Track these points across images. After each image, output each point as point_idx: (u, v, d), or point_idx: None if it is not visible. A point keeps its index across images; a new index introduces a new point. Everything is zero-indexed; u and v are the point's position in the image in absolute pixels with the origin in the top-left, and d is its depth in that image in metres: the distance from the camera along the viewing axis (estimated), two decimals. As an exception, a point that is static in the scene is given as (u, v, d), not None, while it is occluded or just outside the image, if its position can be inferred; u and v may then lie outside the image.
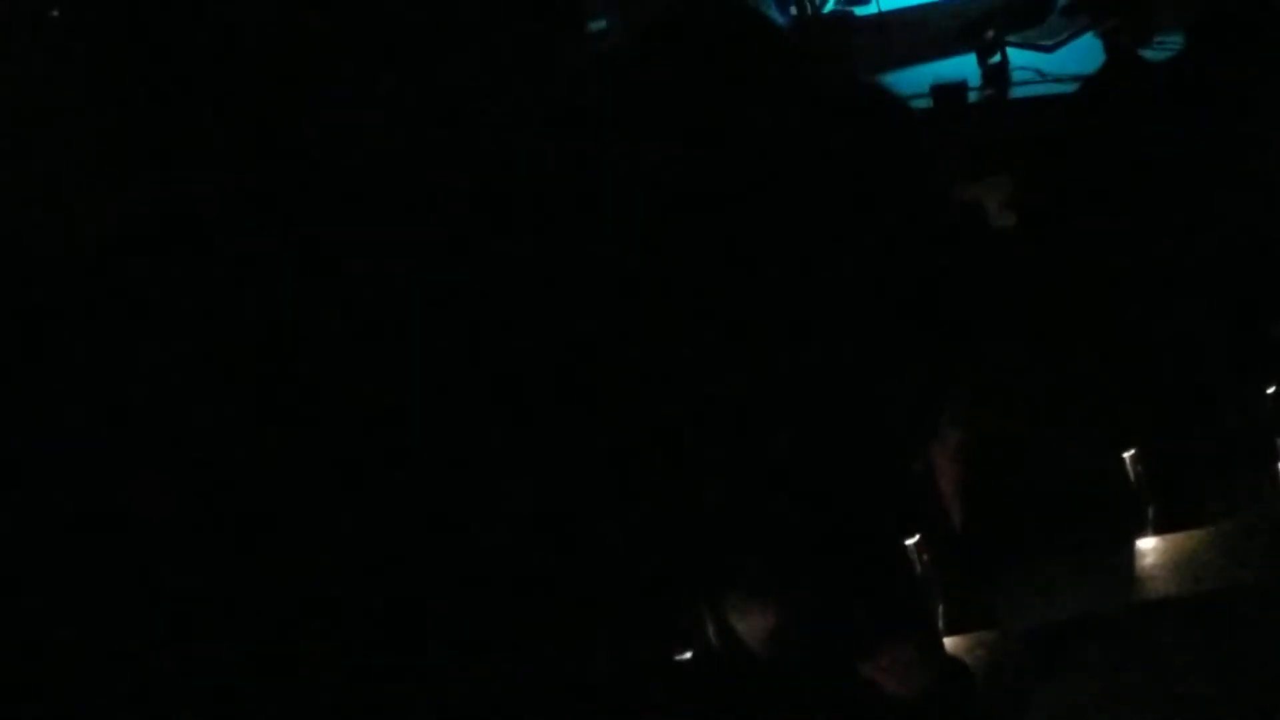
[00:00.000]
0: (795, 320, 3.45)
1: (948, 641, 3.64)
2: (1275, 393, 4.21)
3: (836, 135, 3.57)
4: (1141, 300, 4.37)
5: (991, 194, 4.93)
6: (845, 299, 3.53)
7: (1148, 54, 6.37)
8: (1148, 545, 3.87)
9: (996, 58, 8.54)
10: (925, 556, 3.62)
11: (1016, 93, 8.39)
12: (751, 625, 3.32)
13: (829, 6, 10.41)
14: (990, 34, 8.67)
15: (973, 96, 8.31)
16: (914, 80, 8.43)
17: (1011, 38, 8.85)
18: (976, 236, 4.38)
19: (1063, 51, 8.75)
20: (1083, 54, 8.39)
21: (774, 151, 3.43)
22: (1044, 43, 9.00)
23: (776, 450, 3.38)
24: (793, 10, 9.99)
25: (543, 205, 3.51)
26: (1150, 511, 4.00)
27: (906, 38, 9.45)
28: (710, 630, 3.40)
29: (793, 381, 3.43)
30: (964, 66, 8.60)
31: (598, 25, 9.65)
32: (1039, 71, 8.61)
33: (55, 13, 6.65)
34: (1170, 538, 3.89)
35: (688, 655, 3.44)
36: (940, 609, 3.76)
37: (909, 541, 3.59)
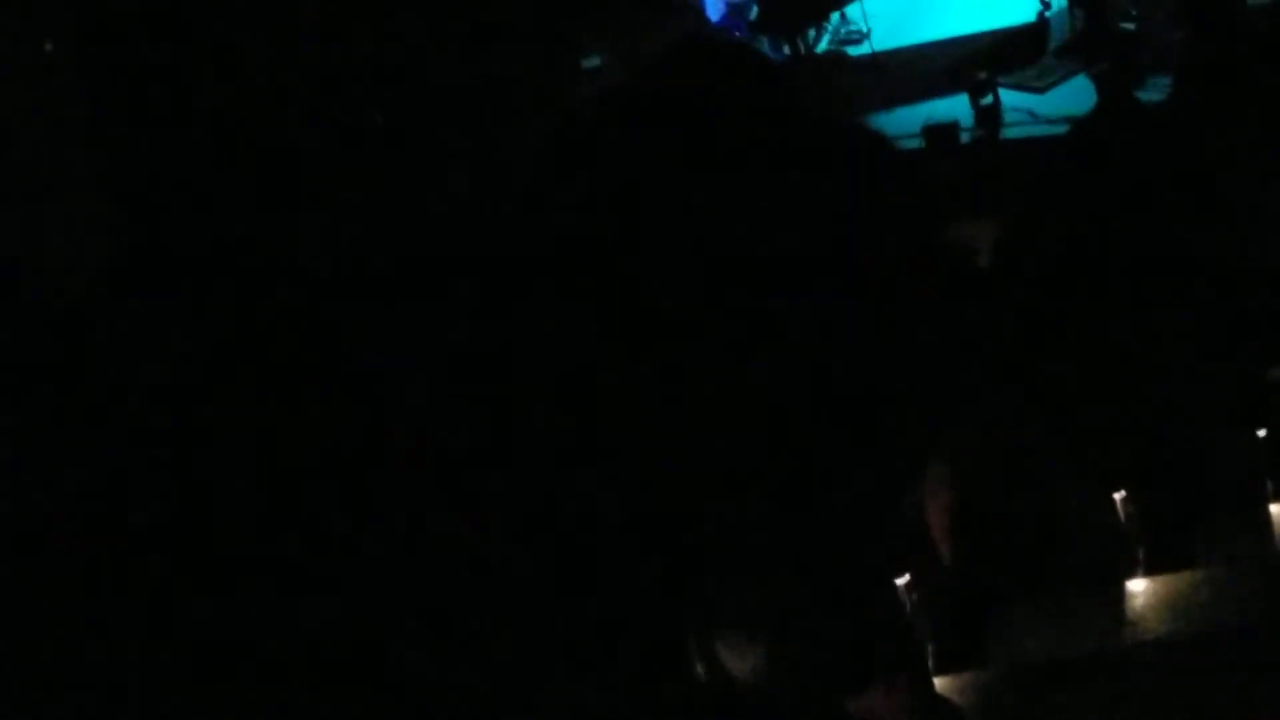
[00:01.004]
0: (784, 356, 3.45)
1: (938, 681, 3.63)
2: (1266, 435, 4.21)
3: (826, 175, 3.58)
4: (1133, 341, 4.38)
5: (983, 234, 4.94)
6: (833, 336, 3.54)
7: (1139, 95, 6.42)
8: (1138, 586, 3.86)
9: (989, 99, 8.64)
10: (916, 596, 3.61)
11: (1008, 133, 8.50)
12: (740, 663, 3.32)
13: (823, 46, 10.53)
14: (983, 75, 8.77)
15: (965, 137, 8.40)
16: (907, 120, 8.53)
17: (1004, 79, 8.95)
18: (967, 277, 4.40)
19: (1055, 93, 8.87)
20: (1075, 95, 8.48)
21: (767, 188, 3.44)
22: (1036, 84, 9.11)
23: (765, 488, 3.39)
24: (786, 50, 10.09)
25: (540, 235, 3.52)
26: (1141, 552, 4.00)
27: (900, 78, 9.57)
28: (699, 667, 3.39)
29: (780, 418, 3.44)
30: (956, 107, 8.70)
31: (591, 63, 9.75)
32: (1031, 112, 8.71)
33: (50, 47, 6.69)
34: (1161, 579, 3.88)
35: (676, 691, 3.43)
36: (931, 649, 3.76)
37: (900, 581, 3.59)
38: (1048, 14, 9.78)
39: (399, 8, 7.69)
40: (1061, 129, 7.35)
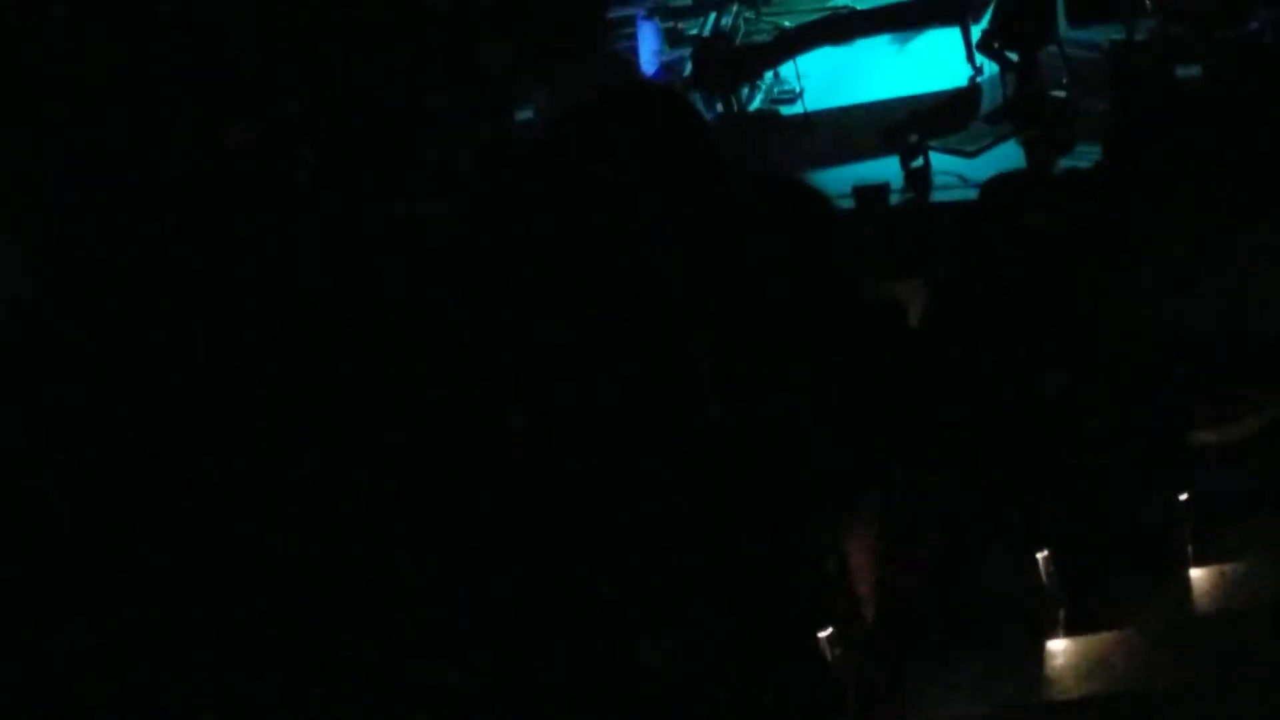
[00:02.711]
0: (709, 407, 3.44)
1: (858, 736, 3.62)
2: (1187, 499, 4.23)
3: (756, 227, 3.58)
4: (1057, 402, 4.40)
5: (911, 295, 4.96)
6: (761, 389, 3.53)
7: (1067, 162, 6.49)
8: (1058, 646, 3.87)
9: (919, 161, 8.72)
10: (838, 650, 3.60)
11: (938, 196, 8.58)
12: (666, 714, 3.30)
13: (755, 104, 10.59)
14: (914, 138, 8.85)
15: (895, 198, 8.46)
16: (837, 180, 8.57)
17: (934, 142, 9.04)
18: (894, 335, 4.41)
19: (985, 157, 8.97)
20: (1004, 160, 8.58)
21: (691, 236, 3.43)
22: (966, 148, 9.21)
23: (693, 539, 3.38)
24: (719, 107, 10.15)
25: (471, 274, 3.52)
26: (1062, 613, 4.01)
27: (831, 138, 9.65)
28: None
29: (707, 471, 3.43)
30: (887, 169, 8.77)
31: (524, 115, 9.78)
32: (961, 176, 8.80)
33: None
34: (1081, 639, 3.89)
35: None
36: (851, 703, 3.74)
37: (822, 634, 3.57)
38: (979, 79, 9.92)
39: (349, 56, 7.72)
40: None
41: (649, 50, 10.81)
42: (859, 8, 10.90)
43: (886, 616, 3.94)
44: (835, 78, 10.47)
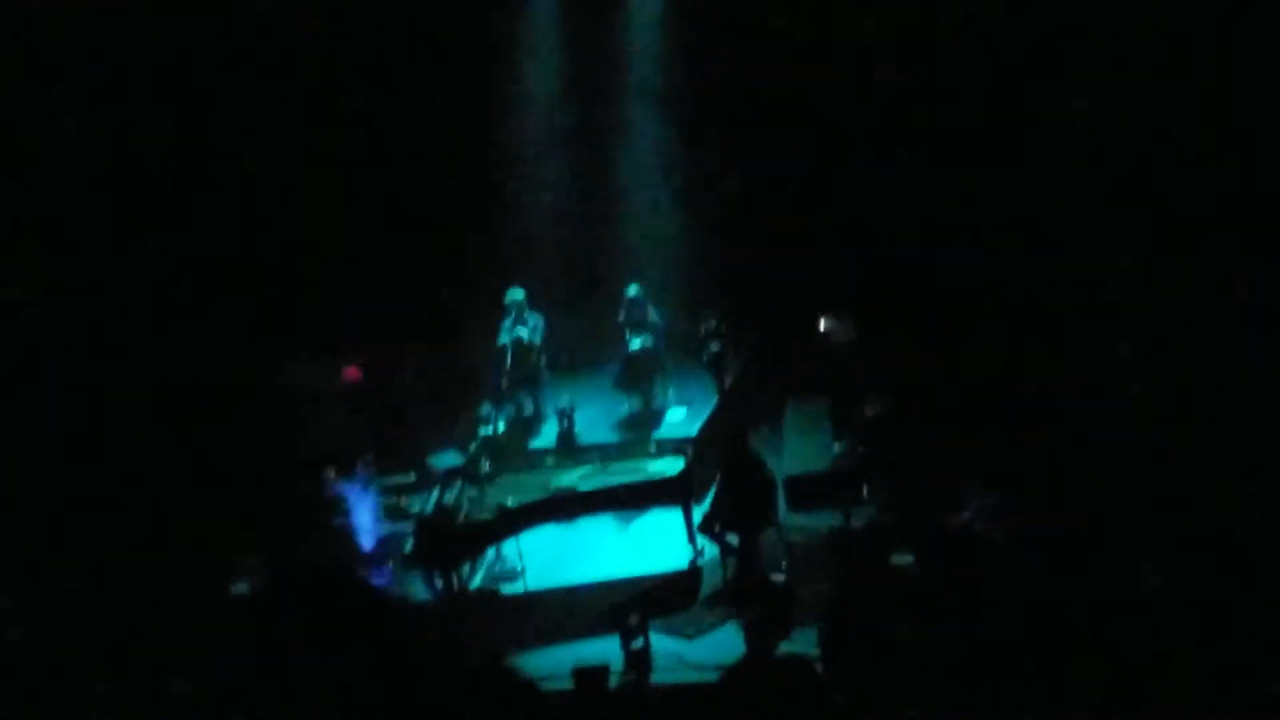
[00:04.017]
0: None
1: None
2: None
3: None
4: None
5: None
6: None
7: (787, 646, 6.42)
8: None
9: (639, 642, 8.60)
10: None
11: (658, 678, 8.44)
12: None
13: (477, 582, 10.44)
14: (634, 619, 8.75)
15: (615, 680, 8.27)
16: (558, 661, 8.37)
17: (655, 624, 8.96)
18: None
19: (705, 640, 8.95)
20: (725, 643, 8.53)
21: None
22: (687, 631, 9.18)
23: None
24: (439, 584, 9.96)
25: None
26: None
27: (552, 618, 9.51)
28: None
29: None
30: (608, 649, 8.62)
31: (240, 588, 9.53)
32: (681, 658, 8.72)
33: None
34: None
35: None
36: None
37: None
38: (700, 561, 9.98)
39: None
40: (711, 676, 7.31)
41: (366, 524, 10.71)
42: (582, 489, 10.95)
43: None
44: (558, 557, 10.47)
